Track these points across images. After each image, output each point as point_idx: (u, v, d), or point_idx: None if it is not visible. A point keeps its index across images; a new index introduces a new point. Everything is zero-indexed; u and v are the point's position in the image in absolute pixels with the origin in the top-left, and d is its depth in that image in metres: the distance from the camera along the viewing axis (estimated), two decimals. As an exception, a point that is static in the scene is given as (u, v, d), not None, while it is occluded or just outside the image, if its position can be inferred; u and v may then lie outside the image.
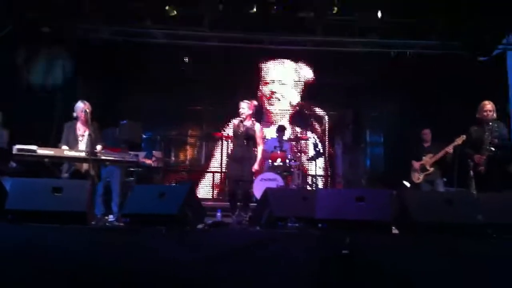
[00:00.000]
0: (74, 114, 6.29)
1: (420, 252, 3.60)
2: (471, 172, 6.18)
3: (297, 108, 11.10)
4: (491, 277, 3.46)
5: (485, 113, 6.07)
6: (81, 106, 6.24)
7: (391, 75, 10.03)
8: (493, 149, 5.92)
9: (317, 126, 11.02)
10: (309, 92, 11.03)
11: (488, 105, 6.09)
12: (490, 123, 6.03)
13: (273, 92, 11.14)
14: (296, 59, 11.12)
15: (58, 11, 8.62)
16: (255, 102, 6.94)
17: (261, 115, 10.57)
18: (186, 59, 10.38)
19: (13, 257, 3.49)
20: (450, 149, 7.17)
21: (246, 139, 6.54)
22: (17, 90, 8.21)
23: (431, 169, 7.51)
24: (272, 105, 11.14)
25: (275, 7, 8.86)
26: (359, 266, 3.41)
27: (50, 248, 3.57)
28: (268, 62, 11.16)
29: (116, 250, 3.57)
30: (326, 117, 10.91)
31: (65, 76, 9.06)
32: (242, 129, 6.58)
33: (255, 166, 6.47)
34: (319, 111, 11.03)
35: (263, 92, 11.16)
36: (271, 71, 11.21)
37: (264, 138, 7.03)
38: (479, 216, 4.18)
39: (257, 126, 6.68)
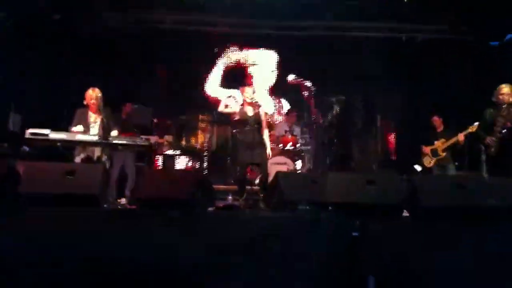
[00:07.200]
0: (85, 102, 6.18)
1: (429, 236, 3.60)
2: (483, 156, 6.16)
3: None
4: (502, 262, 3.45)
5: (500, 96, 6.00)
6: (91, 94, 6.12)
7: (402, 60, 9.94)
8: (504, 131, 5.86)
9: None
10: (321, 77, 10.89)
11: (505, 88, 6.01)
12: (504, 106, 5.96)
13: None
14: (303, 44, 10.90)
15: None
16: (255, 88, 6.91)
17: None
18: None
19: (25, 241, 3.52)
20: (461, 137, 7.14)
21: (257, 123, 6.53)
22: (30, 77, 8.25)
23: (443, 154, 7.47)
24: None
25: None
26: (368, 249, 3.43)
27: (62, 231, 3.60)
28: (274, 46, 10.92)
29: (127, 233, 3.61)
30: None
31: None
32: (249, 113, 6.55)
33: (268, 150, 6.46)
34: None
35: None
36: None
37: (271, 122, 6.95)
38: (490, 200, 4.16)
39: (262, 110, 6.66)
